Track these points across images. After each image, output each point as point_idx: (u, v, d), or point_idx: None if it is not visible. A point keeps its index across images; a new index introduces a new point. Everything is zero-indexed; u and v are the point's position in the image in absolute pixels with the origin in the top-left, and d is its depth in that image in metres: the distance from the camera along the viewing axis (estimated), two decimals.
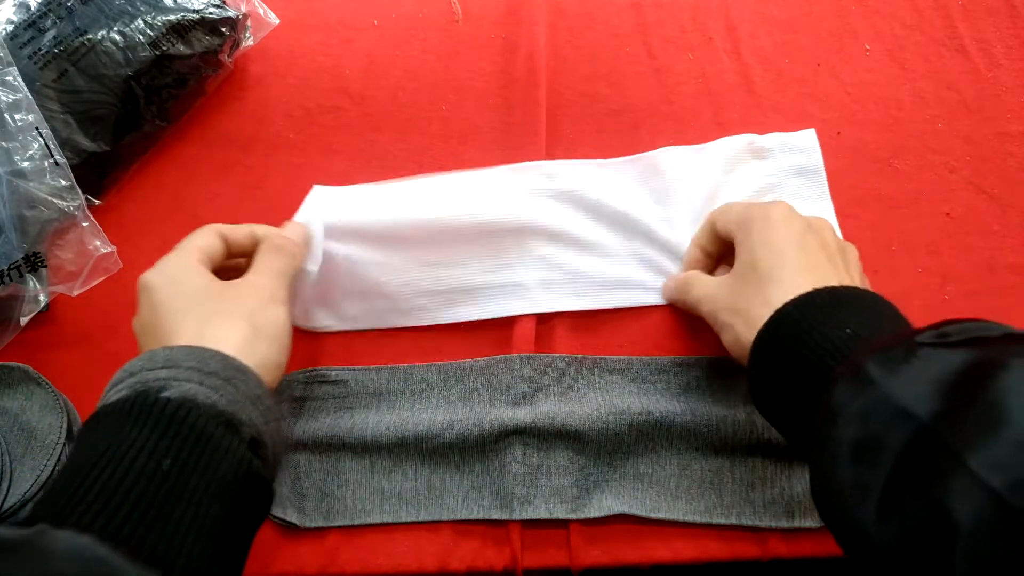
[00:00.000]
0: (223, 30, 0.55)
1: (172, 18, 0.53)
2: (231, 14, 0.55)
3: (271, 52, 0.60)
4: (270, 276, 0.44)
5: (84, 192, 0.52)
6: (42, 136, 0.50)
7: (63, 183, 0.51)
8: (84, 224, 0.53)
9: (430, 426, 0.49)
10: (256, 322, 0.41)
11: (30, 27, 0.52)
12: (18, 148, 0.50)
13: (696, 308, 0.48)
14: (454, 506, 0.49)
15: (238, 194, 0.57)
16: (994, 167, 0.56)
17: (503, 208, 0.52)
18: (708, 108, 0.58)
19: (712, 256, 0.51)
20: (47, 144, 0.51)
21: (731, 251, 0.47)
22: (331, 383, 0.51)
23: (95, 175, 0.55)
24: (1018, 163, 0.56)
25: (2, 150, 0.50)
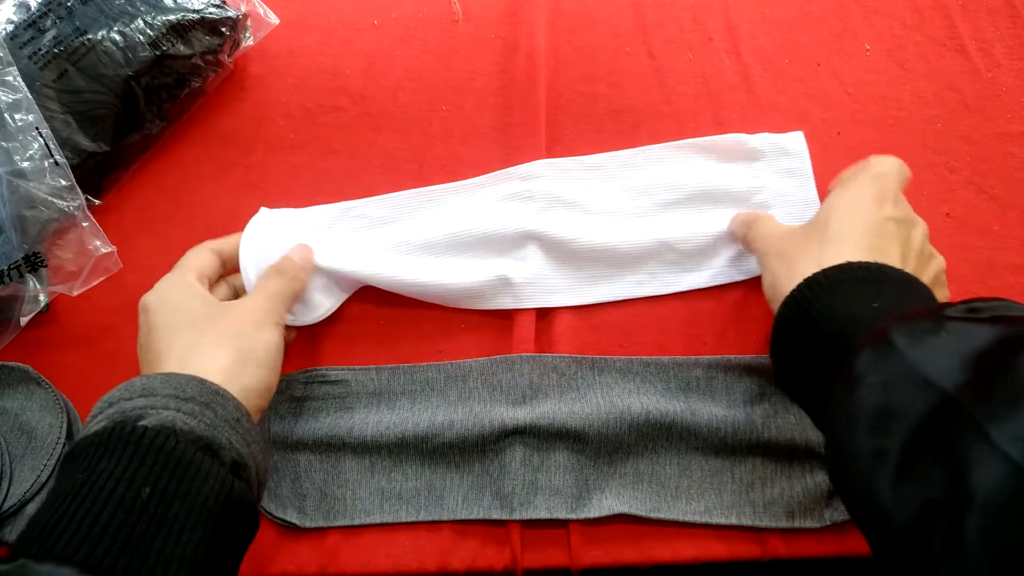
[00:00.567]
0: (223, 30, 0.55)
1: (172, 18, 0.53)
2: (231, 14, 0.55)
3: (271, 52, 0.60)
4: (265, 298, 0.44)
5: (84, 192, 0.52)
6: (42, 136, 0.50)
7: (63, 183, 0.51)
8: (84, 224, 0.53)
9: (430, 426, 0.49)
10: (243, 346, 0.41)
11: (30, 27, 0.52)
12: (18, 148, 0.50)
13: (751, 243, 0.48)
14: (454, 506, 0.49)
15: (238, 194, 0.57)
16: (994, 167, 0.56)
17: (480, 222, 0.53)
18: (708, 108, 0.58)
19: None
20: (47, 144, 0.50)
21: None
22: (331, 383, 0.51)
23: (95, 175, 0.55)
24: (1018, 163, 0.56)
25: (2, 150, 0.50)
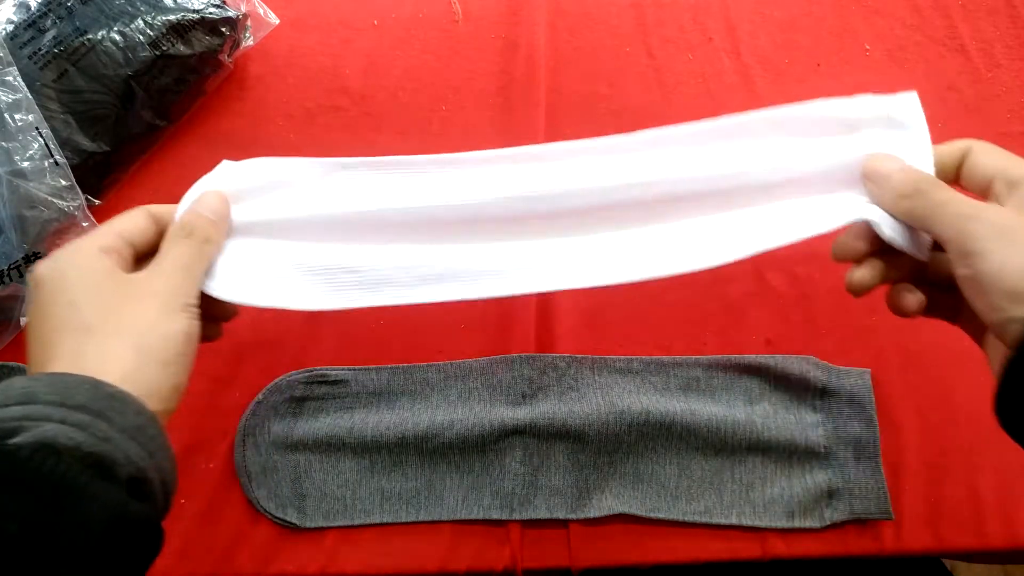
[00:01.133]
0: (223, 30, 0.55)
1: (172, 18, 0.53)
2: (231, 14, 0.55)
3: (271, 52, 0.60)
4: (171, 273, 0.36)
5: (84, 192, 0.52)
6: (42, 136, 0.50)
7: (63, 183, 0.51)
8: (84, 224, 0.53)
9: (430, 426, 0.49)
10: (144, 342, 0.34)
11: (30, 27, 0.52)
12: (18, 148, 0.50)
13: (936, 210, 0.34)
14: (454, 506, 0.49)
15: None
16: None
17: (486, 191, 0.43)
18: (708, 108, 0.58)
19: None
20: (47, 144, 0.50)
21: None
22: (331, 383, 0.51)
23: (95, 175, 0.55)
24: None
25: (2, 150, 0.50)
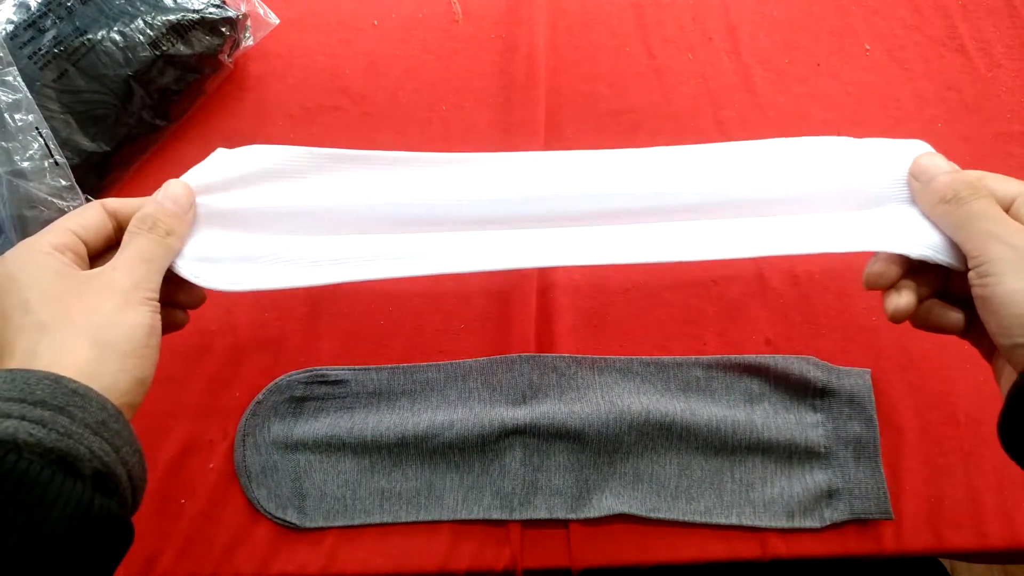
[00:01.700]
0: (223, 30, 0.55)
1: (172, 18, 0.53)
2: (231, 14, 0.55)
3: (271, 52, 0.60)
4: (132, 267, 0.35)
5: (84, 192, 0.52)
6: (42, 136, 0.50)
7: (63, 183, 0.51)
8: None
9: (430, 426, 0.49)
10: (104, 336, 0.33)
11: (30, 27, 0.52)
12: (18, 148, 0.50)
13: (966, 221, 0.34)
14: (454, 506, 0.49)
15: None
16: (994, 167, 0.55)
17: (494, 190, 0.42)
18: (708, 108, 0.58)
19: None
20: (47, 144, 0.50)
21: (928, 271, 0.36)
22: (331, 383, 0.51)
23: (95, 175, 0.55)
24: (1018, 163, 0.56)
25: (2, 150, 0.50)
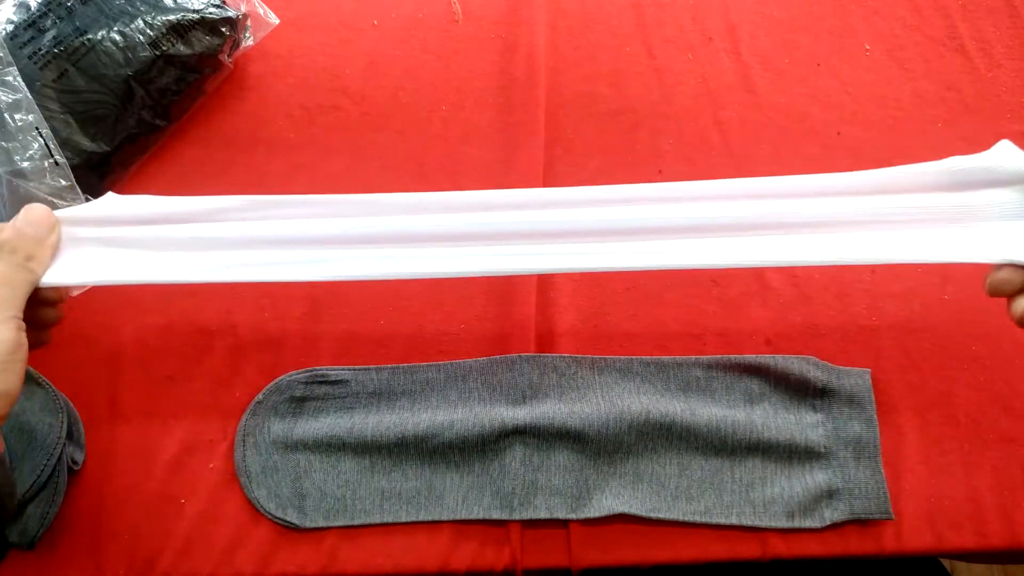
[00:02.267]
0: (223, 30, 0.55)
1: (172, 18, 0.53)
2: (231, 14, 0.55)
3: (271, 52, 0.60)
4: None
5: (84, 192, 0.52)
6: (42, 136, 0.50)
7: (63, 183, 0.51)
8: None
9: (430, 426, 0.49)
10: None
11: (30, 27, 0.52)
12: (18, 148, 0.50)
13: None
14: (454, 506, 0.49)
15: (238, 194, 0.56)
16: None
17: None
18: (708, 108, 0.58)
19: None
20: (47, 144, 0.50)
21: None
22: (331, 383, 0.51)
23: (95, 175, 0.55)
24: None
25: (2, 150, 0.50)
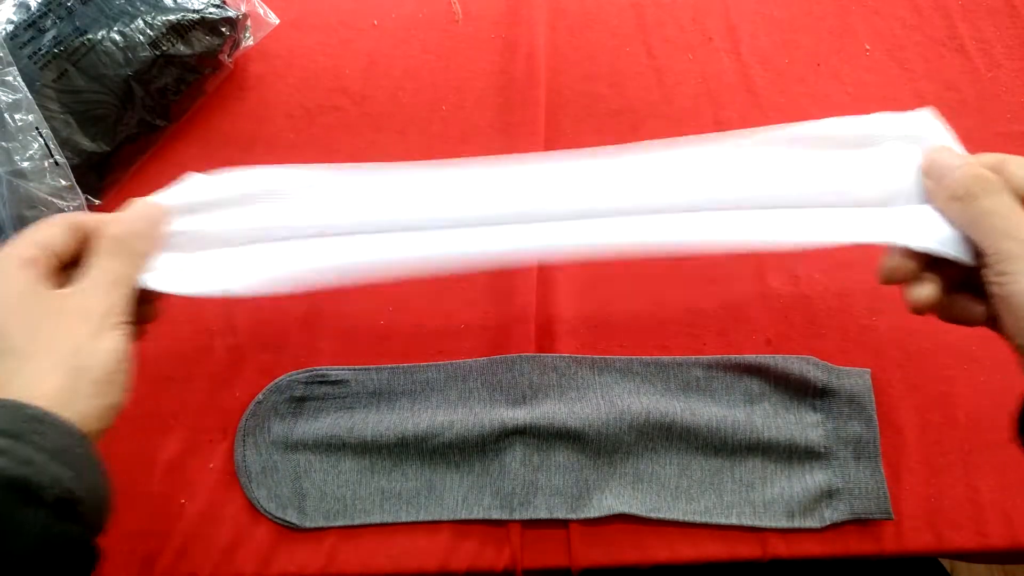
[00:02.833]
0: (223, 30, 0.55)
1: (172, 18, 0.53)
2: (231, 14, 0.55)
3: (271, 52, 0.60)
4: (104, 291, 0.35)
5: (84, 192, 0.52)
6: (42, 136, 0.50)
7: (63, 183, 0.51)
8: None
9: (430, 426, 0.49)
10: (76, 363, 0.32)
11: (30, 27, 0.52)
12: (18, 148, 0.50)
13: (980, 218, 0.33)
14: (454, 506, 0.49)
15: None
16: None
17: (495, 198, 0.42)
18: (708, 108, 0.58)
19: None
20: (47, 144, 0.50)
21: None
22: (331, 383, 0.51)
23: (95, 175, 0.55)
24: None
25: (2, 150, 0.50)
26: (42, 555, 0.28)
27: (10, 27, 0.52)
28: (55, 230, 0.35)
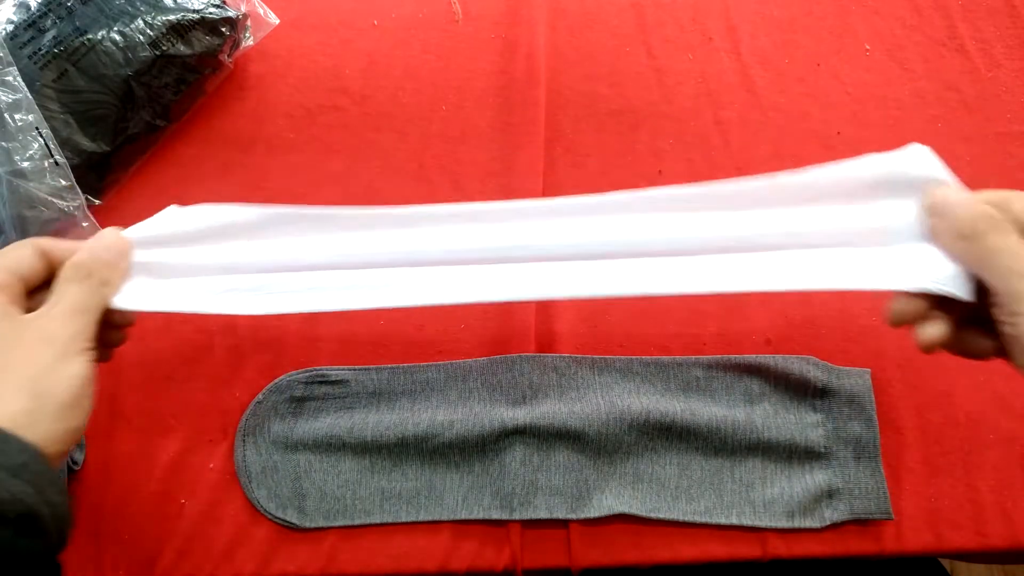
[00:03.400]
0: (223, 30, 0.55)
1: (172, 18, 0.53)
2: (231, 14, 0.55)
3: (271, 52, 0.60)
4: (69, 318, 0.35)
5: (84, 192, 0.52)
6: (42, 136, 0.50)
7: (63, 183, 0.51)
8: (84, 224, 0.52)
9: (430, 426, 0.49)
10: (40, 388, 0.33)
11: (30, 27, 0.52)
12: (18, 148, 0.50)
13: (988, 257, 0.33)
14: (454, 506, 0.49)
15: (238, 194, 0.56)
16: (994, 167, 0.56)
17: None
18: (708, 108, 0.58)
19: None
20: (47, 144, 0.50)
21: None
22: (331, 383, 0.51)
23: (95, 175, 0.55)
24: (1018, 163, 0.56)
25: (2, 150, 0.50)
26: (5, 571, 0.29)
27: (10, 27, 0.52)
28: (23, 253, 0.36)
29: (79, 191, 0.52)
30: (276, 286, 0.41)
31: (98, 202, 0.56)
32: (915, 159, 0.38)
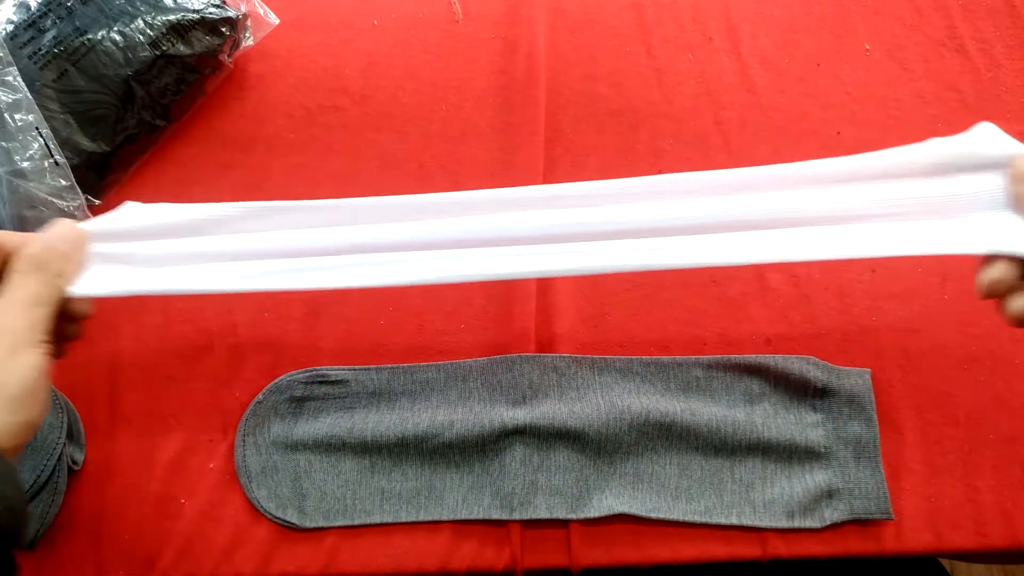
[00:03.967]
0: (223, 30, 0.55)
1: (172, 18, 0.53)
2: (231, 14, 0.55)
3: (271, 52, 0.60)
4: (22, 310, 0.35)
5: (84, 192, 0.52)
6: (42, 136, 0.50)
7: (63, 183, 0.51)
8: None
9: (430, 426, 0.49)
10: None
11: (30, 27, 0.52)
12: (18, 148, 0.50)
13: None
14: (454, 506, 0.49)
15: (238, 194, 0.57)
16: None
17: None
18: (708, 108, 0.58)
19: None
20: (47, 144, 0.50)
21: None
22: (331, 383, 0.51)
23: (95, 175, 0.55)
24: None
25: (2, 150, 0.50)
26: None
27: (10, 27, 0.52)
28: None
29: (79, 191, 0.52)
30: (248, 268, 0.40)
31: (98, 202, 0.56)
32: (985, 137, 0.39)
